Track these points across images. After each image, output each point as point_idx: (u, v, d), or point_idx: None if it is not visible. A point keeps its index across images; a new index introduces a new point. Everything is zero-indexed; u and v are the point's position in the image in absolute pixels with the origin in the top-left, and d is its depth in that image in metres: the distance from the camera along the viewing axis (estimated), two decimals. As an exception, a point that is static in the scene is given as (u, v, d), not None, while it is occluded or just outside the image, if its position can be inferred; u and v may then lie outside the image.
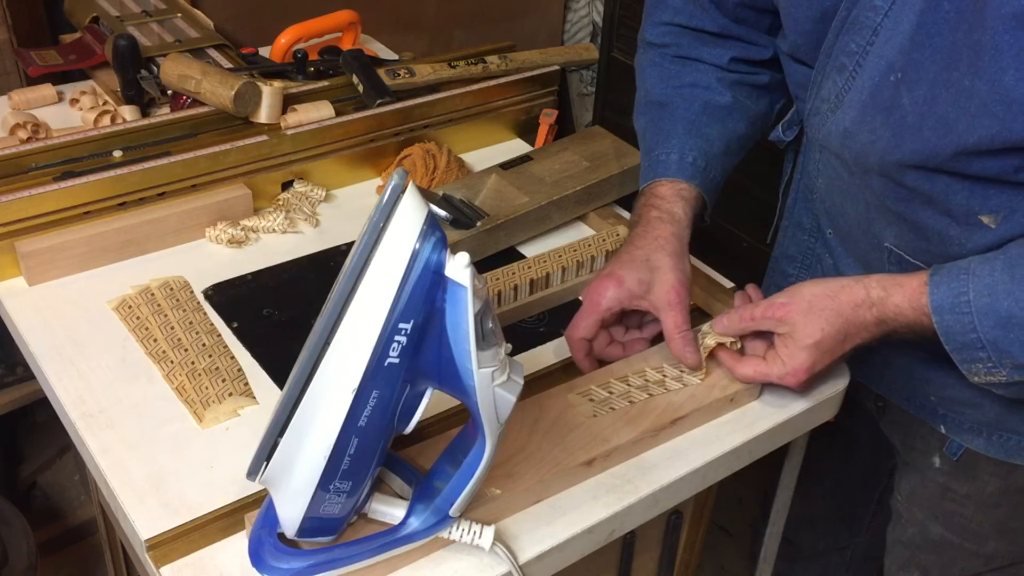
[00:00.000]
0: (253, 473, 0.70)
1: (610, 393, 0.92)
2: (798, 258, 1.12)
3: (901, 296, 0.86)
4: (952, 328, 0.84)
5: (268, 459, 0.69)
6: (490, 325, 0.69)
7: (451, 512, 0.76)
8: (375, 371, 0.66)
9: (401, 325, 0.65)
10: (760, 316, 0.91)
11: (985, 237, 0.87)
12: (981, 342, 0.83)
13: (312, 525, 0.73)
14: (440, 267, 0.65)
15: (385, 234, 0.64)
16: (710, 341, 0.95)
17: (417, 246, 0.64)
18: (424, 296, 0.65)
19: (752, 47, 1.08)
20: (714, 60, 1.08)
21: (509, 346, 0.71)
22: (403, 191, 0.65)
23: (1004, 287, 0.81)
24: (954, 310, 0.83)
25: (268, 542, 0.75)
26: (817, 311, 0.89)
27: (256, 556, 0.75)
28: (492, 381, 0.69)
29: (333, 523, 0.74)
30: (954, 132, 0.81)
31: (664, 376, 0.95)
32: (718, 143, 1.06)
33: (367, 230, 0.64)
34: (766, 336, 0.93)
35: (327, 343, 0.65)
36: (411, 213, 0.65)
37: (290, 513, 0.72)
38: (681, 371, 0.95)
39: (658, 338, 0.99)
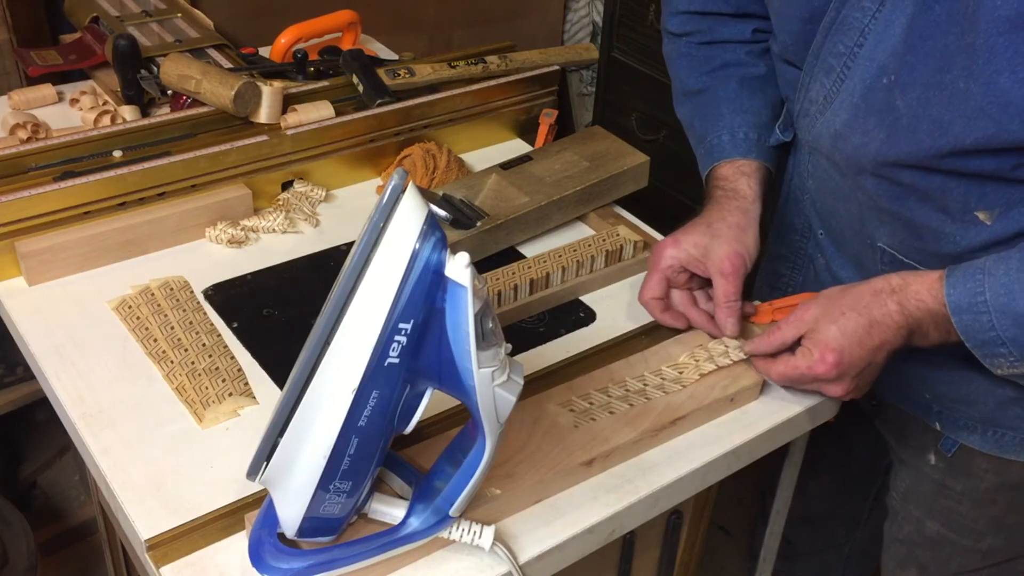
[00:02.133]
0: (253, 473, 0.70)
1: (590, 404, 0.91)
2: (789, 258, 1.13)
3: (920, 284, 0.86)
4: (971, 327, 0.84)
5: (268, 459, 0.69)
6: (490, 325, 0.69)
7: (451, 512, 0.76)
8: (375, 371, 0.66)
9: (401, 325, 0.65)
10: (785, 325, 0.91)
11: (980, 234, 0.87)
12: (1001, 339, 0.83)
13: (312, 525, 0.73)
14: (440, 267, 0.65)
15: (385, 234, 0.64)
16: (708, 365, 0.96)
17: (417, 246, 0.64)
18: (424, 296, 0.65)
19: (768, 21, 1.09)
20: (738, 36, 1.10)
21: (509, 346, 0.71)
22: (403, 191, 0.65)
23: (1021, 286, 0.81)
24: (972, 309, 0.83)
25: (268, 542, 0.75)
26: (836, 299, 0.89)
27: (256, 556, 0.75)
28: (492, 381, 0.69)
29: (333, 523, 0.74)
30: (949, 134, 0.81)
31: (645, 385, 0.94)
32: (764, 112, 1.08)
33: (367, 230, 0.64)
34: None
35: (327, 343, 0.65)
36: (411, 213, 0.65)
37: (290, 513, 0.72)
38: (663, 379, 0.95)
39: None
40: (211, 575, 0.77)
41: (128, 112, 1.27)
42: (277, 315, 1.05)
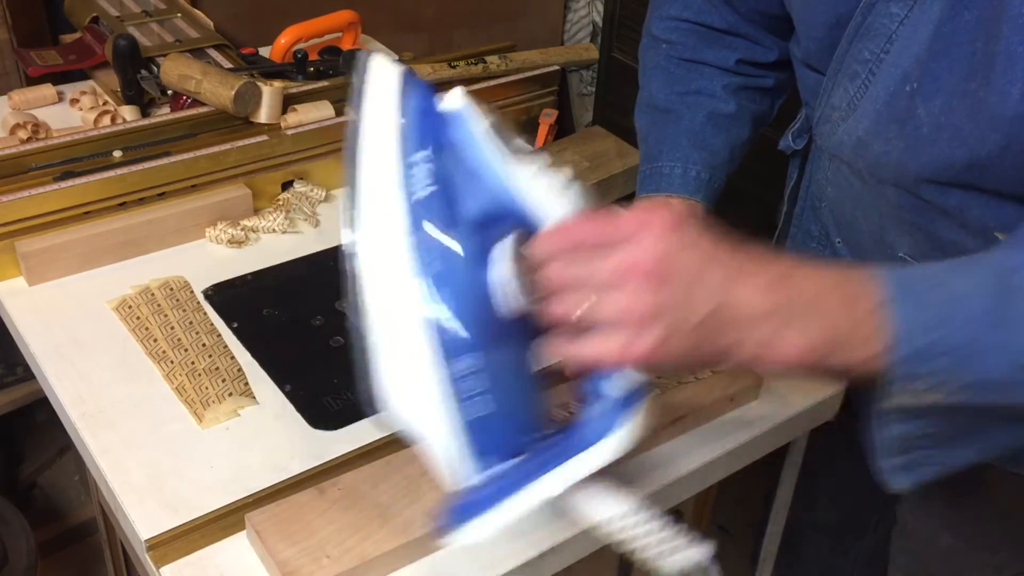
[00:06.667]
0: (378, 417, 0.64)
1: (570, 413, 0.91)
2: None
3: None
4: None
5: (384, 403, 0.63)
6: (513, 141, 0.64)
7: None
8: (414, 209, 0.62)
9: (414, 158, 0.62)
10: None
11: None
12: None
13: (480, 440, 0.64)
14: (432, 108, 0.63)
15: (366, 105, 0.62)
16: None
17: (401, 101, 0.62)
18: (429, 132, 0.62)
19: (758, 47, 1.07)
20: (720, 63, 1.08)
21: (550, 158, 0.65)
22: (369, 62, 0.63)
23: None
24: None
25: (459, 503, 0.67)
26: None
27: (455, 515, 0.66)
28: (538, 178, 0.63)
29: (499, 427, 0.65)
30: (967, 144, 0.78)
31: None
32: (722, 153, 1.07)
33: (353, 112, 0.63)
34: None
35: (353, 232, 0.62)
36: (384, 77, 0.63)
37: (444, 433, 0.64)
38: None
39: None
40: (211, 575, 0.77)
41: (128, 112, 1.28)
42: (277, 315, 1.05)
